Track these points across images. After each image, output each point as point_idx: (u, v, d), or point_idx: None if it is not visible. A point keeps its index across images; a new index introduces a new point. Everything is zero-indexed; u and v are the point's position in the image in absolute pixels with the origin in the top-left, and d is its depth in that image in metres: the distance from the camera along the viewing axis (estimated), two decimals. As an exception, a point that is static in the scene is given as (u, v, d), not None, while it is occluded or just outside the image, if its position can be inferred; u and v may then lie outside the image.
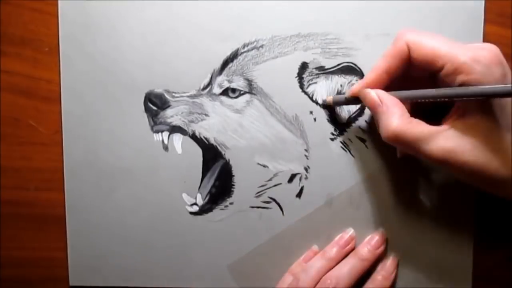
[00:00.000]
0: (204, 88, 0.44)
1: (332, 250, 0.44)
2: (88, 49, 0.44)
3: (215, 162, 0.45)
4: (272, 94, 0.44)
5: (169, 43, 0.43)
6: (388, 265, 0.44)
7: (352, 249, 0.45)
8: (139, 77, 0.44)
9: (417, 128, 0.35)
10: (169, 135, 0.44)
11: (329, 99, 0.43)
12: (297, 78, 0.43)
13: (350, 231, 0.45)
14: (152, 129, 0.44)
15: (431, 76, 0.36)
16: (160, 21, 0.43)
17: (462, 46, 0.35)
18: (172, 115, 0.44)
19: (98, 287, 0.46)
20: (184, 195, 0.45)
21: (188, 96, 0.44)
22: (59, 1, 0.44)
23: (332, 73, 0.43)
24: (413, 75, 0.38)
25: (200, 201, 0.45)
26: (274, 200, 0.45)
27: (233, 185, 0.45)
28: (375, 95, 0.38)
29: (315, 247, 0.45)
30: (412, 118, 0.36)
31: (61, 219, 0.46)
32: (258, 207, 0.45)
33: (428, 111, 0.38)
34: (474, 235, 0.45)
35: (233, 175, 0.45)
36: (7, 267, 0.47)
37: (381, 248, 0.44)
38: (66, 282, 0.46)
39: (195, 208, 0.45)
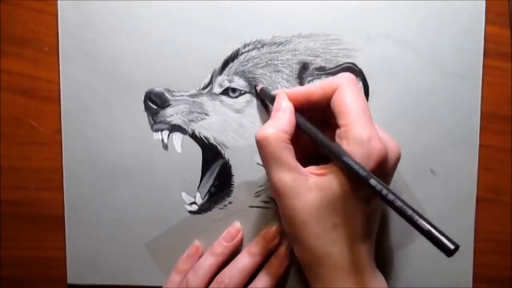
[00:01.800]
0: (204, 88, 0.44)
1: (219, 246, 0.44)
2: (88, 48, 0.44)
3: (214, 162, 0.45)
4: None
5: (169, 42, 0.43)
6: (280, 252, 0.44)
7: (241, 241, 0.45)
8: (139, 76, 0.44)
9: (283, 151, 0.35)
10: (169, 134, 0.44)
11: (259, 88, 0.43)
12: (298, 78, 0.44)
13: (237, 224, 0.45)
14: (151, 128, 0.44)
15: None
16: (161, 20, 0.43)
17: (368, 124, 0.35)
18: (172, 114, 0.44)
19: (96, 286, 0.46)
20: (183, 194, 0.45)
21: (188, 95, 0.44)
22: (58, 1, 0.44)
23: (333, 73, 0.43)
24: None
25: (199, 200, 0.45)
26: (273, 200, 0.45)
27: (233, 184, 0.45)
28: (284, 102, 0.38)
29: (196, 242, 0.45)
30: (287, 142, 0.36)
31: (61, 219, 0.46)
32: (257, 207, 0.45)
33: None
34: (474, 235, 0.45)
35: (233, 175, 0.45)
36: (7, 267, 0.46)
37: (275, 242, 0.44)
38: (64, 281, 0.46)
39: (194, 207, 0.45)
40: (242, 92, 0.44)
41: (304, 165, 0.36)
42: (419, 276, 0.45)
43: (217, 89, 0.44)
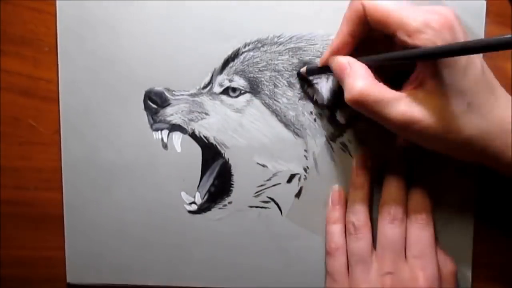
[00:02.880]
0: (204, 87, 0.44)
1: (356, 177, 0.43)
2: (88, 47, 0.44)
3: (214, 161, 0.45)
4: (272, 94, 0.44)
5: (169, 42, 0.43)
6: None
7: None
8: (139, 75, 0.44)
9: (381, 91, 0.35)
10: (168, 134, 0.44)
11: (303, 70, 0.42)
12: (298, 78, 0.43)
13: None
14: (151, 127, 0.44)
15: (391, 38, 0.36)
16: (161, 20, 0.43)
17: (415, 9, 0.35)
18: (172, 114, 0.44)
19: (96, 285, 0.46)
20: (183, 194, 0.45)
21: (188, 95, 0.44)
22: (57, 1, 0.43)
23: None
24: (376, 37, 0.38)
25: (198, 200, 0.45)
26: (273, 200, 0.45)
27: (232, 184, 0.45)
28: (342, 59, 0.38)
29: (336, 187, 0.45)
30: (377, 81, 0.36)
31: (60, 218, 0.46)
32: (257, 207, 0.45)
33: (390, 79, 0.37)
34: (474, 235, 0.45)
35: (232, 174, 0.45)
36: (6, 266, 0.46)
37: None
38: (64, 281, 0.46)
39: (194, 207, 0.45)
40: (242, 91, 0.44)
41: None
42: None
43: (217, 89, 0.44)
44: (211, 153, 0.44)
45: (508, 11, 0.43)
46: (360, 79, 0.36)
